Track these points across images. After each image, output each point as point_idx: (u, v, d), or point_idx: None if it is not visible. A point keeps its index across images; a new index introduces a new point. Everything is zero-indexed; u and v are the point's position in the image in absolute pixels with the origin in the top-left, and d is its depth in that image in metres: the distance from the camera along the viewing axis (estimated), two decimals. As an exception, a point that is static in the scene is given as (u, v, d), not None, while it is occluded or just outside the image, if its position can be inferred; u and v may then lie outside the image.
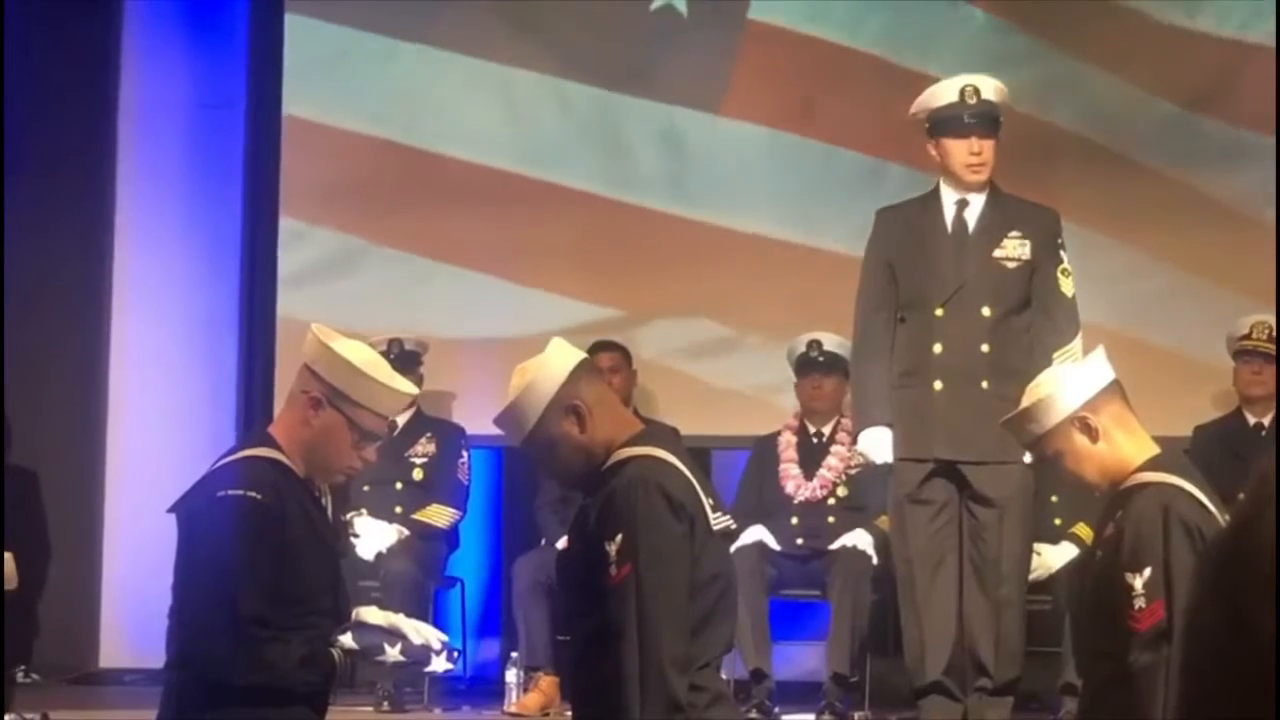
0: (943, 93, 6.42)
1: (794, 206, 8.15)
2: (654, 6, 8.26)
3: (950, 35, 8.06)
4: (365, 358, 4.17)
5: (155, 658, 4.43)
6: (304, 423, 4.13)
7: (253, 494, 4.02)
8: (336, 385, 4.11)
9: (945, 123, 6.39)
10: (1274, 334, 7.30)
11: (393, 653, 4.12)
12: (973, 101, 6.36)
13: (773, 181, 8.17)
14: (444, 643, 4.19)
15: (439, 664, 4.18)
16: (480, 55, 8.34)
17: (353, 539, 7.34)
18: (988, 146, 6.38)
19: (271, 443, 4.14)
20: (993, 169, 6.42)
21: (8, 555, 6.33)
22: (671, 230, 8.19)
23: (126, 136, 8.62)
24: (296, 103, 8.38)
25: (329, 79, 8.40)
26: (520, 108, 8.33)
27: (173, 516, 4.15)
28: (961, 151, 6.39)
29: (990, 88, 6.41)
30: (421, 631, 4.16)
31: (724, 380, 8.13)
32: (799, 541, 7.35)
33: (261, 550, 4.01)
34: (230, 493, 4.03)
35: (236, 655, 3.98)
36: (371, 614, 4.18)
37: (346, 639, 4.08)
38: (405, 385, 4.25)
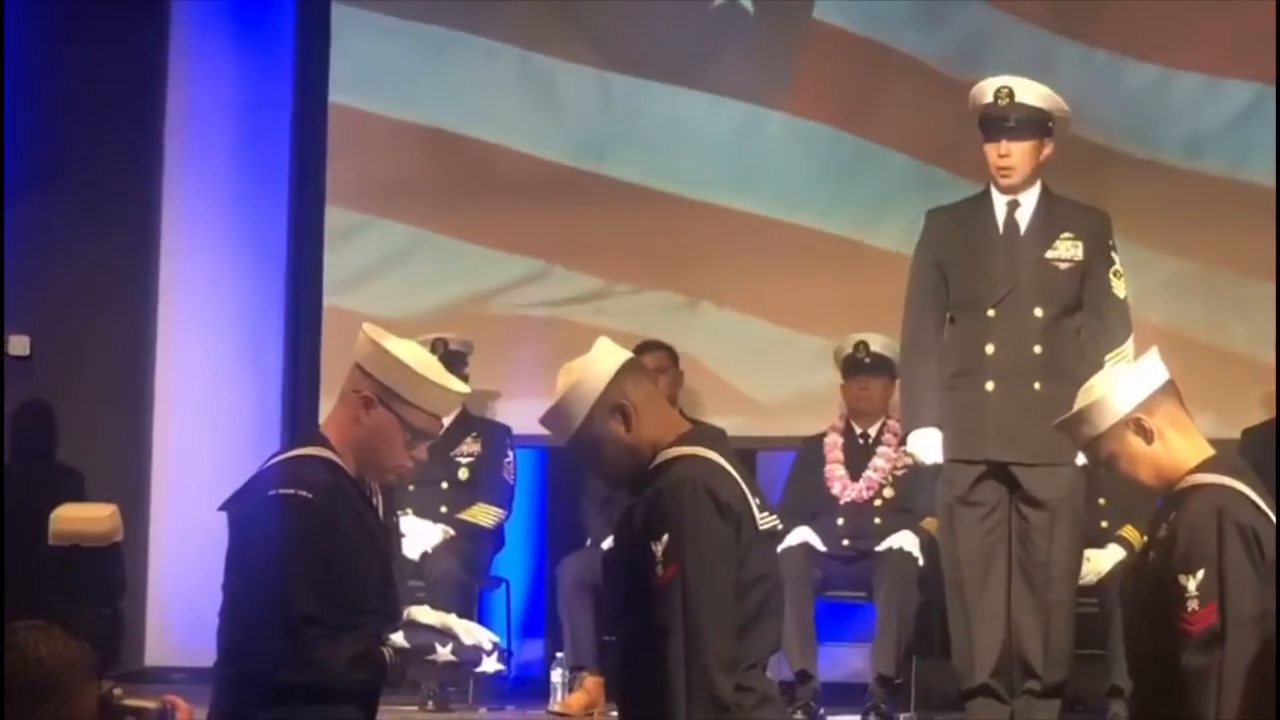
0: (981, 93, 6.42)
1: (847, 206, 8.14)
2: (716, 3, 8.26)
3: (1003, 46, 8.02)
4: (417, 357, 4.16)
5: (202, 656, 4.43)
6: (355, 421, 4.12)
7: (304, 493, 4.01)
8: (388, 384, 4.11)
9: (982, 124, 6.40)
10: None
11: (444, 652, 4.11)
12: (1005, 103, 6.34)
13: (829, 180, 8.16)
14: (495, 643, 4.19)
15: (489, 664, 4.18)
16: (528, 47, 8.35)
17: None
18: (1017, 149, 6.34)
19: (323, 441, 4.14)
20: (1035, 172, 6.38)
21: (113, 508, 6.32)
22: (722, 227, 8.18)
23: (173, 139, 8.64)
24: (343, 91, 8.40)
25: (376, 68, 8.41)
26: (570, 101, 8.33)
27: (218, 514, 4.15)
28: (991, 154, 6.40)
29: (1027, 90, 6.36)
30: (473, 632, 4.16)
31: (770, 381, 8.10)
32: (845, 543, 7.33)
33: (313, 549, 4.00)
34: (282, 492, 4.02)
35: (288, 654, 3.97)
36: (424, 614, 4.18)
37: (398, 638, 4.08)
38: (458, 385, 4.24)
